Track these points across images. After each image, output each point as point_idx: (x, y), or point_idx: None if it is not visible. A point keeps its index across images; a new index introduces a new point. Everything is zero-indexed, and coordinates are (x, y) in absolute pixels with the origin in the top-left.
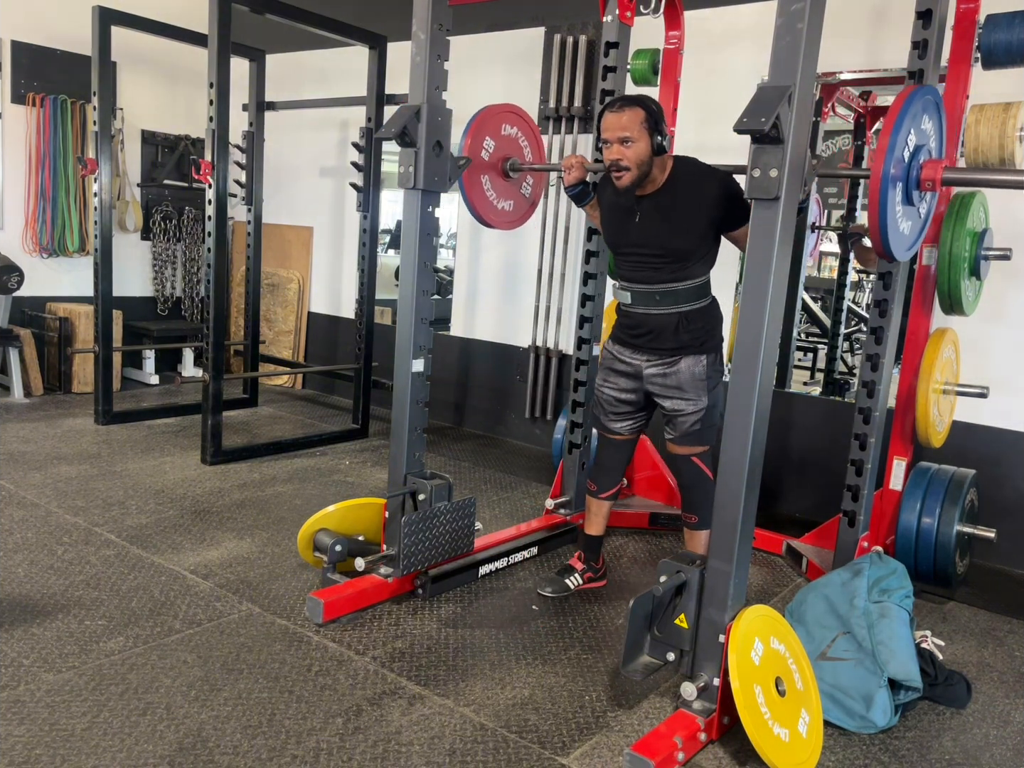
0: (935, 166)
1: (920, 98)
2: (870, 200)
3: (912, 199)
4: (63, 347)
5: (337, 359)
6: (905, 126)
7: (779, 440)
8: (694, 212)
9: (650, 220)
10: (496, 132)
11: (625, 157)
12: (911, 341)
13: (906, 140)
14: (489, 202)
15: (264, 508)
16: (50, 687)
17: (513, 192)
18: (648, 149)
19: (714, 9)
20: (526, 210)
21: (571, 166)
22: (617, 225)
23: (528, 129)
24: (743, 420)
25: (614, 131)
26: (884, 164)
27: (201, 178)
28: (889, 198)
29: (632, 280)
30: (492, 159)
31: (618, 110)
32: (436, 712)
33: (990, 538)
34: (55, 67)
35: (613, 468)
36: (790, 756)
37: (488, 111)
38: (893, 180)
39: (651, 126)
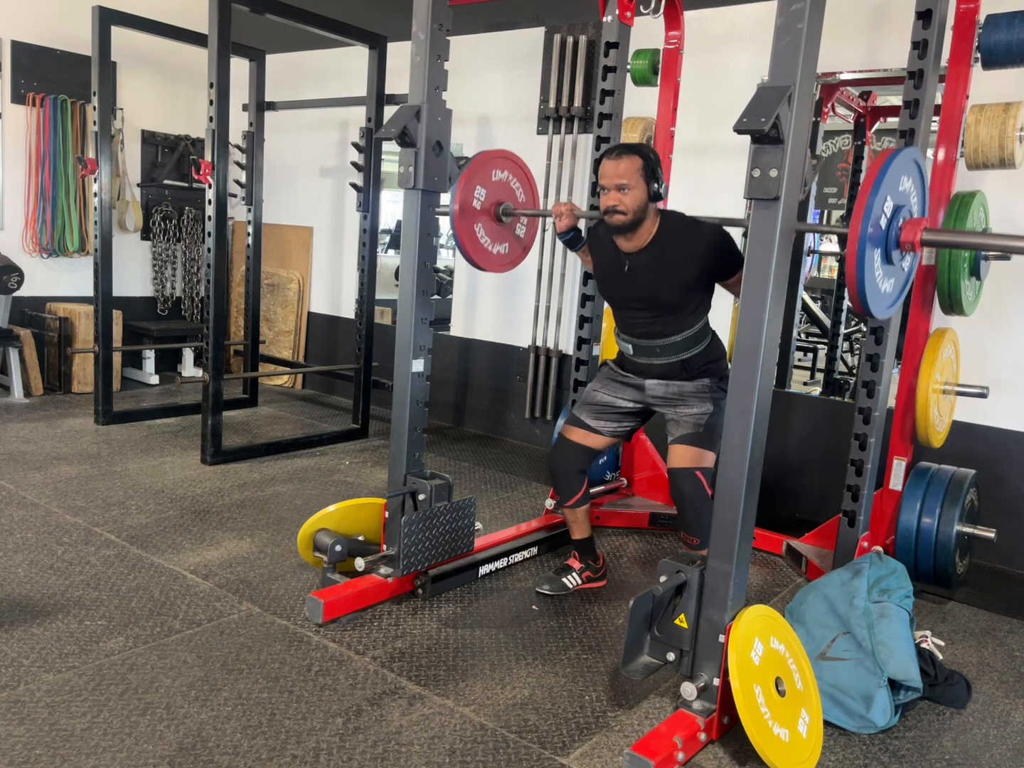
0: (915, 227)
1: (901, 159)
2: (848, 261)
3: (892, 259)
4: (63, 347)
5: (337, 359)
6: (883, 189)
7: (779, 440)
8: (682, 268)
9: (640, 277)
10: (487, 179)
11: (622, 203)
12: (911, 341)
13: (884, 203)
14: (483, 248)
15: (264, 508)
16: (50, 687)
17: (507, 235)
18: (645, 196)
19: (714, 9)
20: (521, 251)
21: (561, 213)
22: (608, 280)
23: (520, 171)
24: (743, 420)
25: (611, 178)
26: (861, 227)
27: (201, 178)
28: (867, 259)
29: (631, 334)
30: (484, 206)
31: (616, 158)
32: (436, 712)
33: (990, 538)
34: (55, 67)
35: (565, 475)
36: (790, 756)
37: (479, 159)
38: (871, 241)
39: (648, 174)
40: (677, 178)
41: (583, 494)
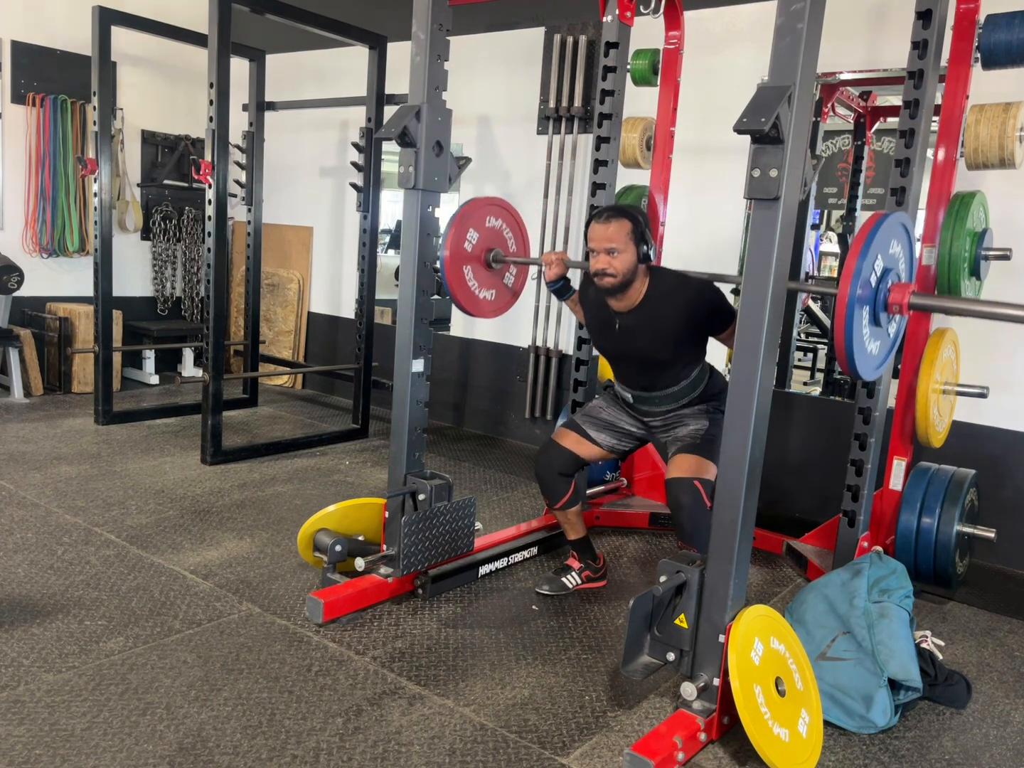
0: (903, 290)
1: (889, 223)
2: (836, 321)
3: (880, 321)
4: (63, 347)
5: (337, 359)
6: (872, 250)
7: (779, 440)
8: (673, 326)
9: (629, 335)
10: (480, 224)
11: (611, 266)
12: (911, 341)
13: (873, 264)
14: (471, 292)
15: (264, 508)
16: (50, 687)
17: (496, 282)
18: (634, 259)
19: (714, 9)
20: (509, 299)
21: (551, 262)
22: (600, 336)
23: (513, 221)
24: (743, 420)
25: (601, 241)
26: (850, 288)
27: (201, 178)
28: (856, 320)
29: (628, 386)
30: (475, 250)
31: (605, 221)
32: (436, 712)
33: (990, 538)
34: (55, 67)
35: (549, 479)
36: (790, 756)
37: (473, 204)
38: (860, 302)
39: (637, 237)
40: (677, 178)
41: (570, 497)
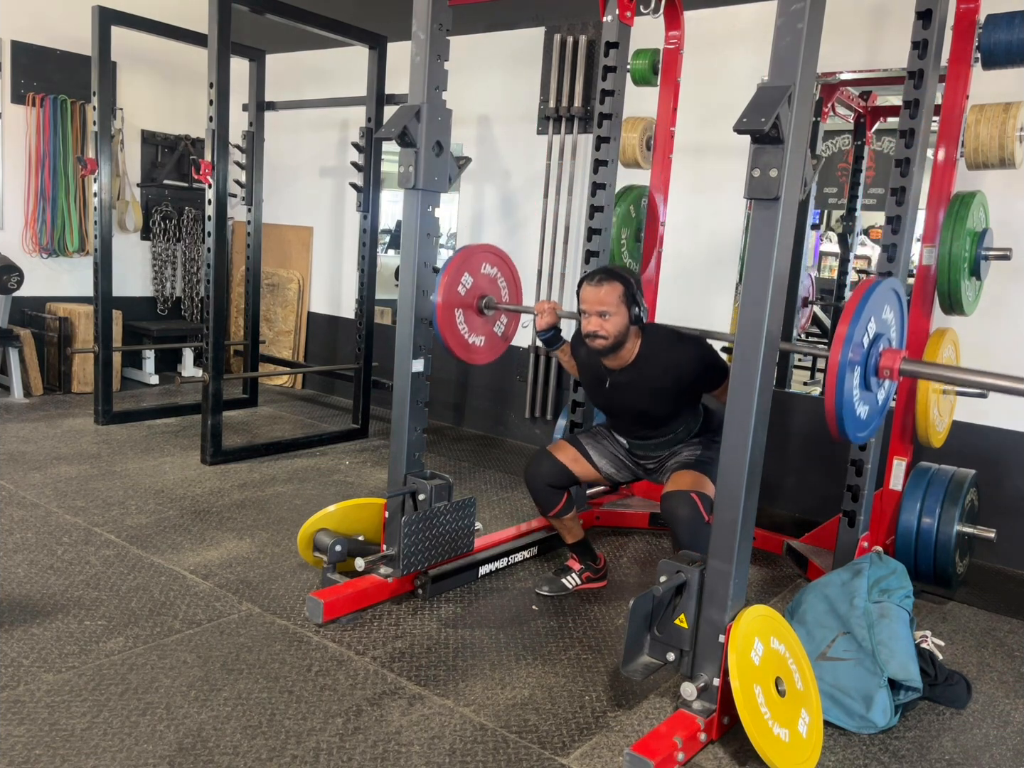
0: (894, 356)
1: (881, 289)
2: (827, 383)
3: (870, 385)
4: (63, 347)
5: (337, 359)
6: (865, 315)
7: (779, 440)
8: (665, 385)
9: (622, 393)
10: (475, 270)
11: (603, 328)
12: (911, 341)
13: (865, 328)
14: (460, 336)
15: (264, 508)
16: (50, 687)
17: (486, 329)
18: (626, 321)
19: (714, 9)
20: (498, 346)
21: (543, 311)
22: (592, 391)
23: (508, 271)
24: (743, 420)
25: (593, 304)
26: (842, 352)
27: (201, 178)
28: (846, 383)
29: (622, 434)
30: (468, 295)
31: (596, 284)
32: (436, 712)
33: (990, 538)
34: (55, 67)
35: (541, 489)
36: (790, 756)
37: (468, 250)
38: (851, 365)
39: (629, 300)
40: (677, 178)
41: (563, 506)
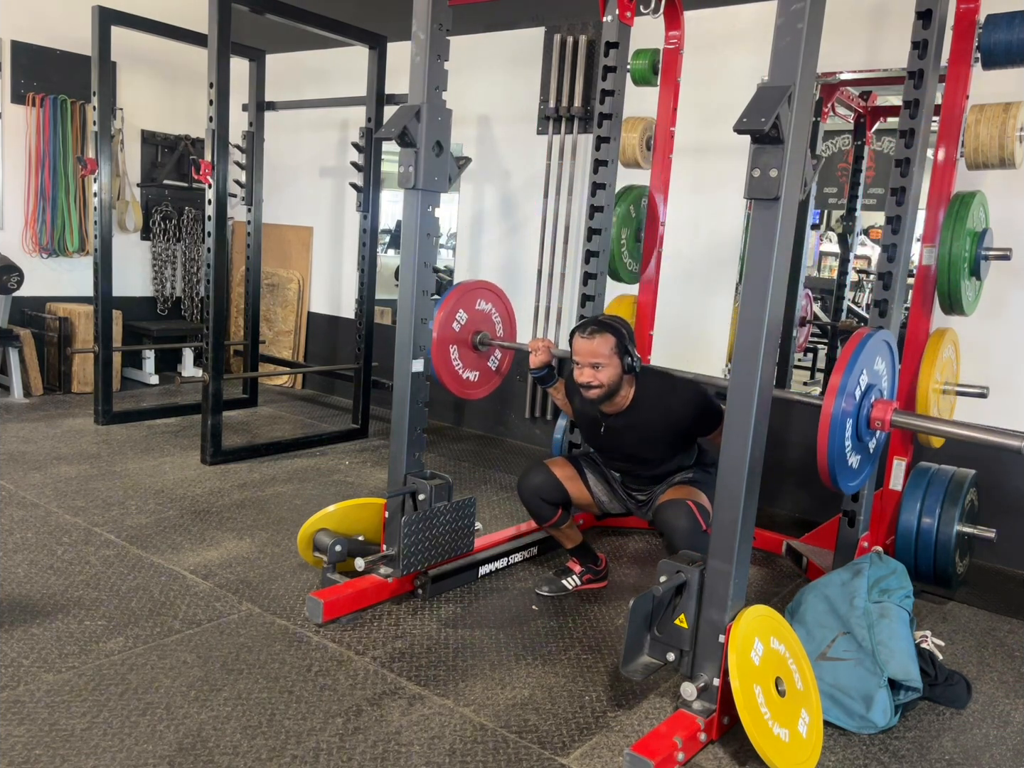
0: (885, 407)
1: (874, 341)
2: (820, 433)
3: (862, 436)
4: (63, 347)
5: (337, 359)
6: (858, 366)
7: (779, 440)
8: (658, 433)
9: (616, 438)
10: (470, 306)
11: (596, 379)
12: (911, 341)
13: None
14: (455, 371)
15: (264, 508)
16: (50, 687)
17: (480, 364)
18: (618, 372)
19: (714, 9)
20: (492, 381)
21: (537, 349)
22: (587, 432)
23: (502, 307)
24: (743, 420)
25: (585, 356)
26: (836, 401)
27: (201, 178)
28: (839, 433)
29: (615, 470)
30: (463, 331)
31: (589, 336)
32: (436, 712)
33: (990, 538)
34: (55, 67)
35: (536, 504)
36: (790, 756)
37: (463, 287)
38: (844, 416)
39: (621, 351)
40: (677, 178)
41: (559, 518)
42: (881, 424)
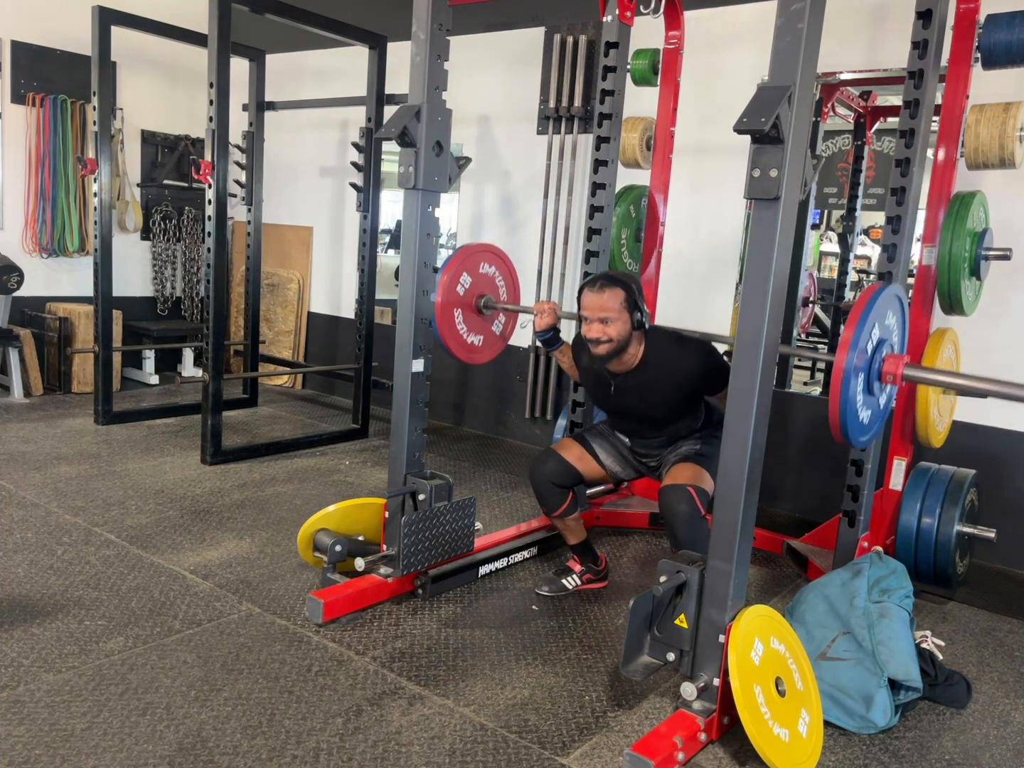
0: (897, 361)
1: (885, 295)
2: (831, 387)
3: (873, 390)
4: (63, 347)
5: (337, 359)
6: (870, 320)
7: (779, 440)
8: (668, 391)
9: (626, 397)
10: (474, 269)
11: (605, 335)
12: (911, 341)
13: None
14: (459, 335)
15: (264, 508)
16: (50, 687)
17: (484, 328)
18: (628, 327)
19: (714, 9)
20: (497, 345)
21: (542, 311)
22: (595, 392)
23: (506, 270)
24: (743, 420)
25: (594, 310)
26: (847, 356)
27: (201, 178)
28: (851, 387)
29: (624, 433)
30: (467, 295)
31: (598, 290)
32: (436, 712)
33: (990, 538)
34: (55, 67)
35: (546, 492)
36: (790, 756)
37: (467, 249)
38: (855, 371)
39: (630, 305)
40: (677, 178)
41: (568, 506)
42: (893, 378)
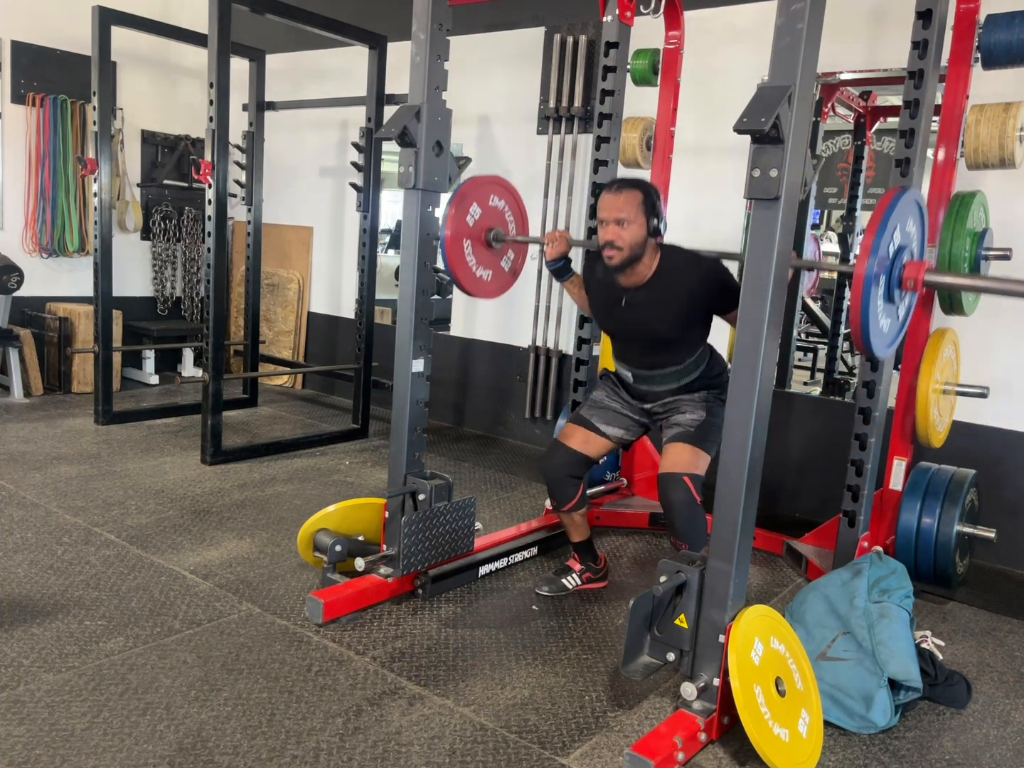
0: (917, 267)
1: (905, 200)
2: (852, 296)
3: (893, 297)
4: (63, 347)
5: (337, 359)
6: (890, 226)
7: (779, 440)
8: (681, 304)
9: (637, 311)
10: (484, 200)
11: (620, 238)
12: (911, 341)
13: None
14: (468, 268)
15: (264, 508)
16: (50, 687)
17: (493, 263)
18: (644, 232)
19: (714, 9)
20: (505, 281)
21: (553, 239)
22: (605, 313)
23: (515, 204)
24: (743, 420)
25: (611, 211)
26: (868, 263)
27: (201, 178)
28: (871, 295)
29: (629, 364)
30: (476, 227)
31: (616, 191)
32: (436, 712)
33: (990, 538)
34: (55, 67)
35: (558, 482)
36: (790, 756)
37: (476, 180)
38: (876, 278)
39: (648, 209)
40: (677, 178)
41: (579, 499)
42: (913, 284)
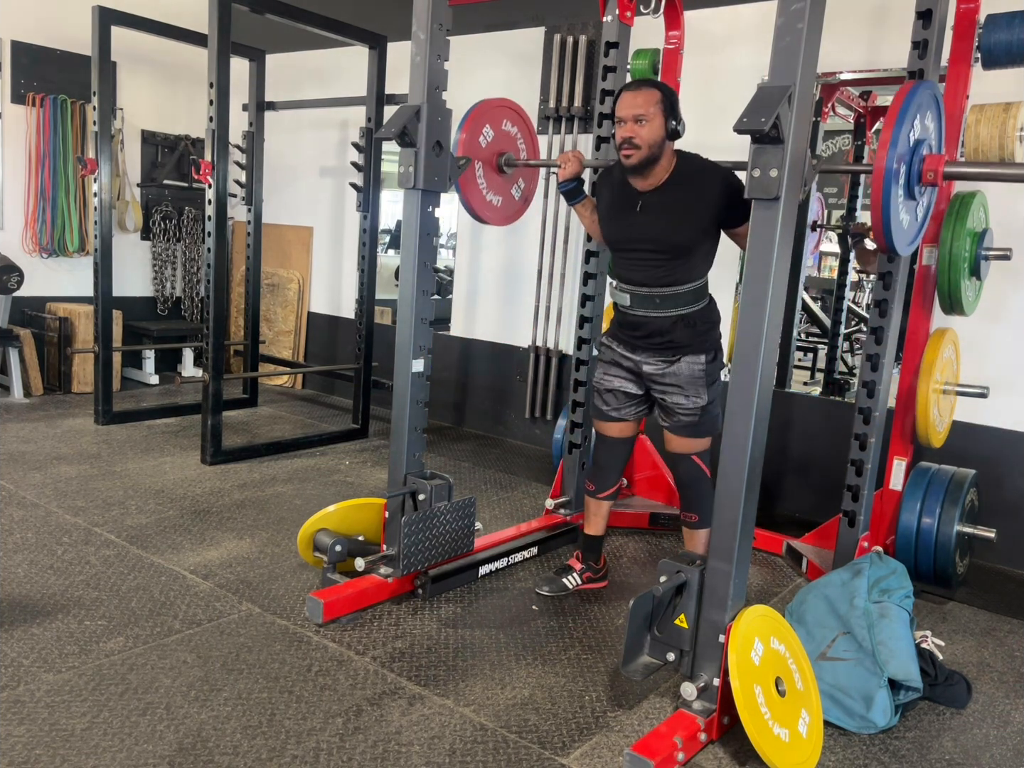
0: (937, 160)
1: (922, 92)
2: (873, 191)
3: (913, 193)
4: (63, 347)
5: (337, 359)
6: (908, 119)
7: (779, 440)
8: (696, 208)
9: (651, 215)
10: (496, 123)
11: (638, 135)
12: (911, 341)
13: (908, 134)
14: (479, 191)
15: (264, 508)
16: (50, 687)
17: (504, 189)
18: (661, 130)
19: (714, 9)
20: (516, 209)
21: (567, 160)
22: (617, 220)
23: (526, 129)
24: (743, 420)
25: (629, 109)
26: (888, 156)
27: (201, 178)
28: (892, 191)
29: (631, 282)
30: (488, 150)
31: (635, 89)
32: (436, 712)
33: (990, 538)
34: (55, 67)
35: (610, 467)
36: (790, 756)
37: (488, 102)
38: (896, 173)
39: (666, 108)
40: None
41: (618, 487)
42: (933, 175)
